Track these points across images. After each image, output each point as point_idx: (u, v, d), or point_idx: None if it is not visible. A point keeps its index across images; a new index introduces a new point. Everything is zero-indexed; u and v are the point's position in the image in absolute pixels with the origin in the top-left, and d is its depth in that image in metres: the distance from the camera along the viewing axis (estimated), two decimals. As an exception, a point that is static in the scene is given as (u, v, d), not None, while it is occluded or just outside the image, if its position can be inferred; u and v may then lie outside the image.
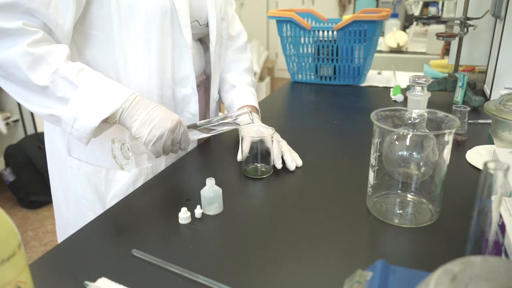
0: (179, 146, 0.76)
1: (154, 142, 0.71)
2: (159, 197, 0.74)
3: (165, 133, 0.71)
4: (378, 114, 0.62)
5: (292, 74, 1.62)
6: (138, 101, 0.71)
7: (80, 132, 0.69)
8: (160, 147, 0.72)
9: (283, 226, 0.63)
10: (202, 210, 0.66)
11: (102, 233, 0.62)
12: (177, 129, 0.73)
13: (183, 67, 0.85)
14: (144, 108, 0.70)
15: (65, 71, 0.67)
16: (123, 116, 0.70)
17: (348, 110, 1.26)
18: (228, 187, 0.73)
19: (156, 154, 0.73)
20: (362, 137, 0.98)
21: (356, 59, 1.50)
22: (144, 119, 0.70)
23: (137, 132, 0.70)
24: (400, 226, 0.62)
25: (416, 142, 0.62)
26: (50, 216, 2.32)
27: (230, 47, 1.05)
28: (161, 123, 0.71)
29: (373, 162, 0.63)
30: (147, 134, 0.70)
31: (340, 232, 0.61)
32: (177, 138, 0.74)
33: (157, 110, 0.72)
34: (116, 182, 0.85)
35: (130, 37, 0.77)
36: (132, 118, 0.70)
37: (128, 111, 0.70)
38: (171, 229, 0.62)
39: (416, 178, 0.64)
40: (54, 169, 0.91)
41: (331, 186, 0.75)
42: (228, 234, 0.61)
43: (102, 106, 0.68)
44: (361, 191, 0.69)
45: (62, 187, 0.90)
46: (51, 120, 0.71)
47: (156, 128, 0.70)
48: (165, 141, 0.72)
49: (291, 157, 0.82)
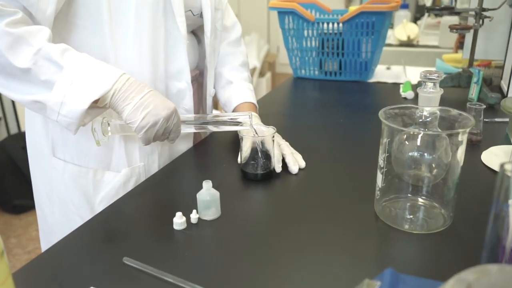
0: (167, 136, 0.77)
1: (146, 130, 0.71)
2: (152, 201, 0.74)
3: (160, 121, 0.71)
4: (386, 112, 0.62)
5: (295, 69, 1.62)
6: (131, 84, 0.70)
7: (67, 118, 0.68)
8: (151, 135, 0.72)
9: (285, 232, 0.63)
10: (198, 215, 0.66)
11: (91, 240, 0.62)
12: (171, 118, 0.74)
13: (177, 60, 0.86)
14: (138, 92, 0.70)
15: (48, 52, 0.66)
16: (114, 99, 0.69)
17: (354, 107, 1.26)
18: (226, 191, 0.73)
19: (146, 142, 0.73)
20: (370, 137, 0.97)
21: (363, 53, 1.49)
22: (138, 103, 0.70)
23: (129, 117, 0.70)
24: (411, 232, 0.62)
25: (427, 142, 0.62)
26: (34, 222, 2.32)
27: (225, 39, 1.05)
28: (156, 110, 0.71)
29: (382, 164, 0.63)
30: (140, 120, 0.70)
31: (346, 239, 0.61)
32: (169, 128, 0.75)
33: (152, 95, 0.72)
34: (105, 184, 0.85)
35: (120, 28, 0.77)
36: (125, 101, 0.70)
37: (120, 93, 0.69)
38: (164, 236, 0.62)
39: (428, 180, 0.64)
40: (37, 171, 0.91)
41: (336, 190, 0.75)
42: (226, 241, 0.61)
43: (91, 87, 0.67)
44: (369, 195, 0.69)
45: (46, 190, 0.90)
46: (35, 108, 0.70)
47: (151, 115, 0.71)
48: (158, 129, 0.72)
49: (293, 160, 0.82)
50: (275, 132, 0.79)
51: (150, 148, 0.87)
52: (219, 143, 1.00)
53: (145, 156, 0.87)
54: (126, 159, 0.85)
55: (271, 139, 0.79)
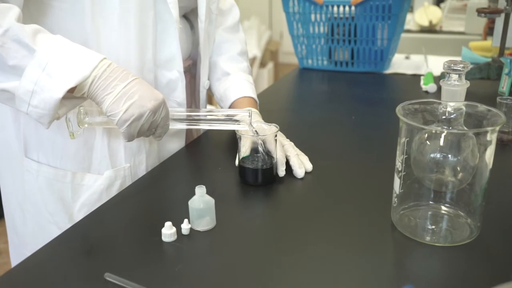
0: (153, 132, 0.76)
1: (130, 123, 0.71)
2: (139, 209, 0.74)
3: (145, 113, 0.71)
4: (405, 108, 0.62)
5: (301, 59, 1.62)
6: (112, 70, 0.70)
7: (39, 109, 0.68)
8: (135, 130, 0.72)
9: (289, 245, 0.63)
10: (191, 225, 0.66)
11: (68, 253, 0.62)
12: (159, 111, 0.73)
13: (168, 46, 0.86)
14: (121, 80, 0.70)
15: (18, 33, 0.66)
16: (93, 87, 0.69)
17: (368, 103, 1.26)
18: (222, 197, 0.73)
19: (129, 138, 0.73)
20: (386, 137, 0.98)
21: (378, 41, 1.49)
22: (121, 93, 0.70)
23: (110, 108, 0.70)
24: (433, 244, 0.62)
25: (452, 142, 0.62)
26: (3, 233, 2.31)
27: (221, 25, 1.06)
28: (142, 101, 0.71)
29: (399, 167, 0.63)
30: (122, 112, 0.70)
31: (359, 252, 0.61)
32: (156, 122, 0.74)
33: (137, 84, 0.71)
34: (85, 188, 0.85)
35: (103, 9, 0.77)
36: (105, 90, 0.69)
37: (101, 81, 0.69)
38: (152, 248, 0.62)
39: (452, 186, 0.64)
40: (6, 174, 0.92)
41: (348, 197, 0.76)
42: (222, 255, 0.61)
43: (67, 74, 0.67)
44: (385, 202, 0.70)
45: (17, 196, 0.90)
46: (2, 98, 0.70)
47: (135, 107, 0.70)
48: (143, 123, 0.72)
49: (299, 162, 0.82)
50: (277, 130, 0.80)
51: (137, 147, 0.87)
52: (215, 142, 1.00)
53: (131, 156, 0.87)
54: (110, 160, 0.85)
55: (273, 138, 0.79)
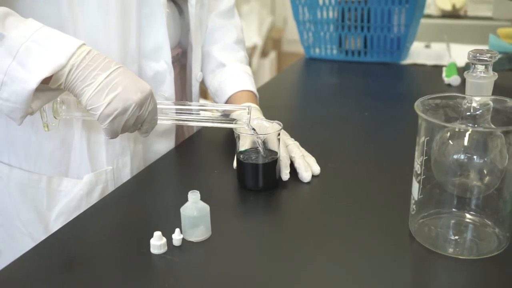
0: (139, 127, 0.76)
1: (113, 119, 0.70)
2: (123, 217, 0.74)
3: (130, 107, 0.70)
4: (425, 104, 0.62)
5: (307, 48, 1.62)
6: (93, 58, 0.70)
7: (10, 102, 0.67)
8: (119, 126, 0.72)
9: (294, 259, 0.63)
10: (183, 235, 0.66)
11: (44, 268, 0.62)
12: (145, 104, 0.73)
13: (154, 34, 0.86)
14: (102, 69, 0.70)
15: None
16: (71, 78, 0.68)
17: (383, 97, 1.26)
18: (218, 204, 0.73)
19: (112, 135, 0.73)
20: (403, 136, 0.98)
21: (395, 27, 1.49)
22: (102, 84, 0.69)
23: (91, 101, 0.69)
24: (456, 257, 0.62)
25: (477, 142, 0.62)
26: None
27: (214, 9, 1.06)
28: (126, 94, 0.70)
29: (418, 170, 0.63)
30: (104, 106, 0.69)
31: (373, 268, 0.61)
32: (143, 117, 0.74)
33: (121, 74, 0.71)
34: (63, 195, 0.85)
35: None
36: (85, 81, 0.69)
37: (79, 70, 0.68)
38: (139, 262, 0.62)
39: (478, 191, 0.64)
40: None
41: (360, 203, 0.75)
42: (218, 269, 0.61)
43: (41, 62, 0.66)
44: (402, 209, 0.69)
45: (-15, 204, 0.90)
46: None
47: (119, 100, 0.70)
48: (128, 118, 0.71)
49: (305, 164, 0.82)
50: (281, 128, 0.79)
51: (121, 148, 0.87)
52: (209, 142, 1.00)
53: (114, 158, 0.87)
54: (90, 162, 0.85)
55: (276, 137, 0.79)
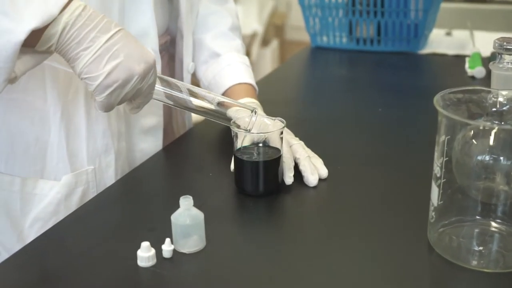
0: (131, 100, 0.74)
1: (112, 91, 0.68)
2: (107, 225, 0.74)
3: (133, 79, 0.68)
4: (445, 98, 0.62)
5: (313, 36, 1.62)
6: (89, 15, 0.66)
7: None
8: (117, 100, 0.70)
9: (299, 272, 0.63)
10: (174, 246, 0.66)
11: (18, 282, 0.62)
12: (147, 76, 0.71)
13: (139, 18, 0.86)
14: (101, 31, 0.67)
15: None
16: (64, 38, 0.65)
17: (399, 91, 1.26)
18: (213, 211, 0.73)
19: (106, 109, 0.71)
20: (421, 134, 0.98)
21: (412, 12, 1.49)
22: (102, 49, 0.66)
23: (87, 69, 0.67)
24: (480, 270, 0.62)
25: (504, 141, 0.62)
26: None
27: None
28: (129, 63, 0.68)
29: (438, 173, 0.63)
30: (104, 76, 0.67)
31: (388, 279, 0.61)
32: (141, 90, 0.72)
33: (123, 37, 0.69)
34: (38, 198, 0.85)
35: None
36: (81, 43, 0.66)
37: (74, 30, 0.65)
38: (125, 275, 0.62)
39: (505, 196, 0.64)
40: None
41: (373, 210, 0.76)
42: (213, 284, 0.62)
43: (29, 11, 0.62)
44: (419, 217, 0.70)
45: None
46: None
47: (121, 70, 0.67)
48: (128, 91, 0.69)
49: (311, 166, 0.82)
50: (284, 126, 0.79)
51: (103, 146, 0.86)
52: (203, 141, 1.00)
53: (96, 156, 0.86)
54: (68, 161, 0.84)
55: (279, 136, 0.79)
